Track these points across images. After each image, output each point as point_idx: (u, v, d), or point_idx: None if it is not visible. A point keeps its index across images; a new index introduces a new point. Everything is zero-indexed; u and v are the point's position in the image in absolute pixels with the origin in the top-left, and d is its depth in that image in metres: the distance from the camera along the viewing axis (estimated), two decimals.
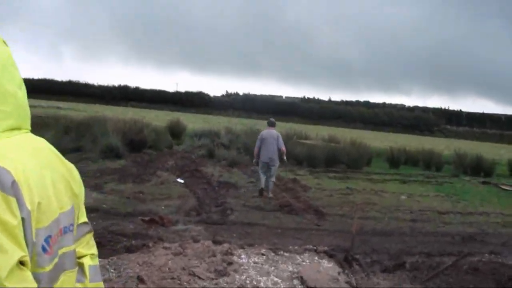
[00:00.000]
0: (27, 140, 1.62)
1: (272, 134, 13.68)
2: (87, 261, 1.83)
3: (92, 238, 1.92)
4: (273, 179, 13.57)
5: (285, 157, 14.06)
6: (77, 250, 1.79)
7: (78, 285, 1.77)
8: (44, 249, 1.47)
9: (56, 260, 1.56)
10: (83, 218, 1.84)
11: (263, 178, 13.40)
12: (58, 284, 1.59)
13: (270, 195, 13.18)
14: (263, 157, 13.44)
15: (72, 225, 1.68)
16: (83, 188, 1.81)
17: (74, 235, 1.72)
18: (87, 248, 1.86)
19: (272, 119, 14.36)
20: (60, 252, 1.59)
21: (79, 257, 1.81)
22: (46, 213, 1.49)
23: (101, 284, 1.88)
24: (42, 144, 1.68)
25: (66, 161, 1.75)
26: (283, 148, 13.69)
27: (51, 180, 1.58)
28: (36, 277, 1.42)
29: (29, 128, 1.69)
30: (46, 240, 1.49)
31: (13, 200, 1.32)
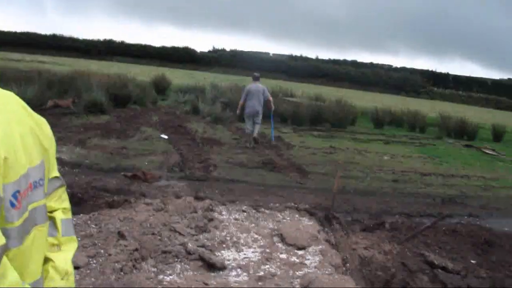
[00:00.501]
0: None
1: (258, 87, 14.21)
2: (59, 215, 1.82)
3: (65, 192, 1.90)
4: (259, 127, 14.41)
5: (273, 106, 14.90)
6: (48, 204, 1.79)
7: (50, 239, 1.77)
8: (12, 204, 1.47)
9: (26, 215, 1.54)
10: (55, 172, 1.82)
11: (250, 127, 14.24)
12: (29, 238, 1.59)
13: (256, 135, 14.13)
14: (248, 109, 14.09)
15: (42, 179, 1.66)
16: (54, 142, 1.78)
17: (45, 189, 1.71)
18: (59, 202, 1.85)
19: (257, 74, 14.91)
20: (30, 207, 1.58)
21: (51, 211, 1.80)
22: (14, 168, 1.48)
23: (74, 238, 1.87)
24: (9, 99, 1.65)
25: (36, 115, 1.71)
26: (270, 98, 14.54)
27: (19, 134, 1.56)
28: (5, 232, 1.42)
29: None
30: (14, 195, 1.48)
31: None
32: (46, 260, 1.74)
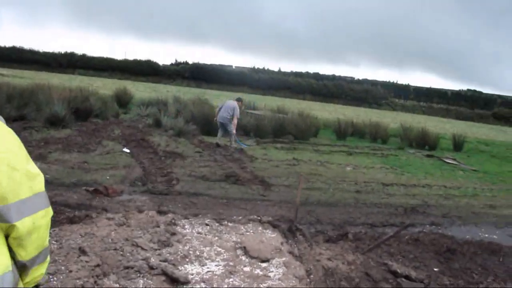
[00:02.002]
0: None
1: (231, 103, 17.12)
2: None
3: None
4: (233, 136, 17.14)
5: (231, 126, 16.95)
6: None
7: None
8: None
9: None
10: None
11: (220, 133, 17.34)
12: None
13: (233, 144, 17.08)
14: (218, 117, 17.10)
15: None
16: None
17: None
18: None
19: (240, 97, 18.69)
20: None
21: None
22: None
23: None
24: None
25: None
26: (235, 119, 16.86)
27: None
28: None
29: None
30: None
31: None
32: None
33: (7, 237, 1.90)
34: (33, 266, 2.02)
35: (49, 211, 2.04)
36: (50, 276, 4.86)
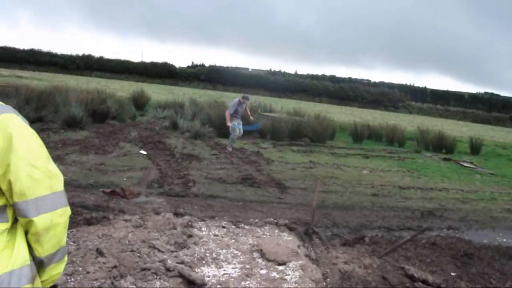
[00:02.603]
0: None
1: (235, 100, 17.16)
2: None
3: None
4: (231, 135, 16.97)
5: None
6: None
7: None
8: None
9: None
10: None
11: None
12: None
13: (228, 147, 16.74)
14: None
15: None
16: None
17: None
18: None
19: (246, 95, 17.74)
20: None
21: None
22: None
23: None
24: None
25: None
26: (226, 111, 17.14)
27: None
28: None
29: None
30: None
31: None
32: None
33: (26, 233, 1.99)
34: (50, 264, 2.07)
35: (67, 211, 2.11)
36: (68, 277, 4.89)
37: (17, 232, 1.96)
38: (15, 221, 1.97)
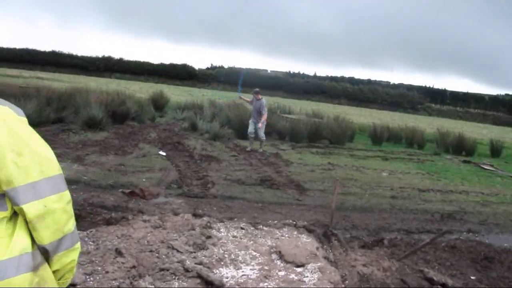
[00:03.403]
0: None
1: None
2: None
3: None
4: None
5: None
6: None
7: None
8: None
9: None
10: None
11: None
12: None
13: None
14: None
15: None
16: None
17: None
18: None
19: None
20: None
21: None
22: None
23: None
24: None
25: None
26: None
27: None
28: None
29: None
30: None
31: None
32: None
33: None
34: (57, 252, 2.03)
35: (64, 195, 2.05)
36: (87, 276, 4.92)
37: (18, 220, 1.94)
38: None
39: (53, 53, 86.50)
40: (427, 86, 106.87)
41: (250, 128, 16.77)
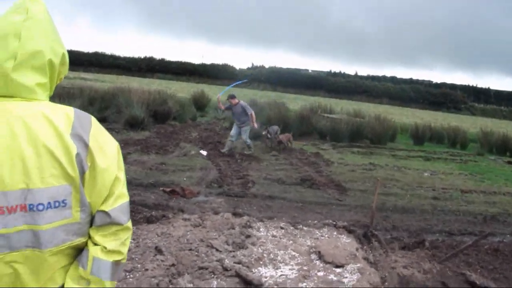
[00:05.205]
0: (6, 108, 1.68)
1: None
2: (94, 252, 1.82)
3: (120, 234, 1.90)
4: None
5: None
6: (94, 236, 1.84)
7: (80, 269, 1.81)
8: None
9: (1, 231, 1.62)
10: (103, 206, 1.84)
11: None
12: (20, 256, 1.68)
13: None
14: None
15: (56, 204, 1.70)
16: (99, 173, 1.82)
17: (74, 217, 1.77)
18: (104, 240, 1.85)
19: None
20: (20, 227, 1.66)
21: (94, 244, 1.84)
22: None
23: (107, 283, 1.85)
24: (38, 116, 1.71)
25: (69, 141, 1.73)
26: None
27: (20, 152, 1.63)
28: None
29: (22, 96, 1.71)
30: None
31: None
32: None
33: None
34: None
35: None
36: (127, 273, 4.99)
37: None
38: None
39: (96, 54, 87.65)
40: (470, 85, 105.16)
41: (232, 132, 15.35)
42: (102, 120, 17.89)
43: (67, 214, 1.73)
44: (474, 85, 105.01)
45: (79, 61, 78.06)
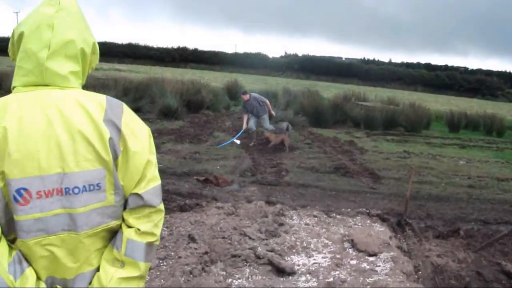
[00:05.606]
0: (42, 96, 1.72)
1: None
2: (128, 234, 1.86)
3: (153, 216, 1.93)
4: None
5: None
6: (127, 218, 1.88)
7: (114, 251, 1.86)
8: (15, 199, 1.61)
9: (38, 215, 1.66)
10: (136, 189, 1.87)
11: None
12: (57, 239, 1.73)
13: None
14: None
15: (91, 188, 1.75)
16: (132, 156, 1.86)
17: (108, 200, 1.81)
18: (138, 222, 1.89)
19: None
20: (58, 211, 1.70)
21: (128, 226, 1.88)
22: (22, 166, 1.61)
23: (141, 264, 1.88)
24: (72, 103, 1.75)
25: (102, 126, 1.77)
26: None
27: (56, 138, 1.67)
28: (17, 223, 1.63)
29: (56, 84, 1.75)
30: (18, 192, 1.61)
31: None
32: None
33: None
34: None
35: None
36: (160, 261, 5.05)
37: None
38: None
39: (130, 45, 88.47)
40: (507, 71, 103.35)
41: (250, 124, 14.92)
42: (136, 110, 17.98)
43: (102, 197, 1.77)
44: (511, 71, 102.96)
45: (113, 52, 78.80)
